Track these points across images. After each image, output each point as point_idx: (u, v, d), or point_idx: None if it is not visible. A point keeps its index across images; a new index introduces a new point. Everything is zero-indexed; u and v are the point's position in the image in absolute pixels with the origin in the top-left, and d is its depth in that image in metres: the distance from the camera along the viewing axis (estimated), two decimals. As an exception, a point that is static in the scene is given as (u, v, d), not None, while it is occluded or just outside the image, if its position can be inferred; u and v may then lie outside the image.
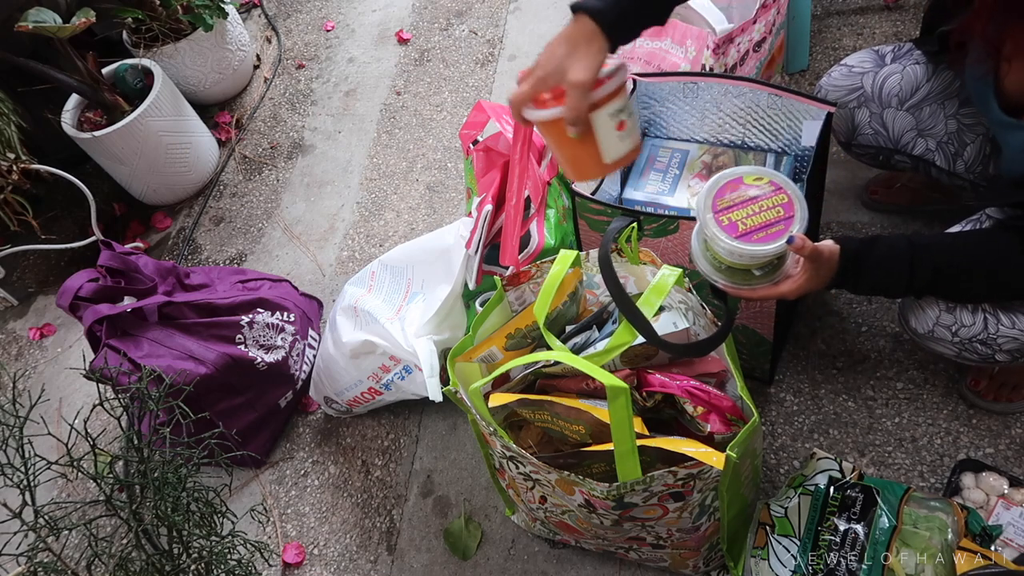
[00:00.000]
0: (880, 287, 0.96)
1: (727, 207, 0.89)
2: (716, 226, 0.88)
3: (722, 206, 0.89)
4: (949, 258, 0.94)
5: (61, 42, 1.76)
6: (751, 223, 0.87)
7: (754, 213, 0.88)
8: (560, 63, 0.85)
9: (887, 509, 1.01)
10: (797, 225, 0.87)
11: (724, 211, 0.88)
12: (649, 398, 1.04)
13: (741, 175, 0.91)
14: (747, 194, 0.89)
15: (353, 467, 1.48)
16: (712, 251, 0.92)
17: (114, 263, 1.36)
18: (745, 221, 0.88)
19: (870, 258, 0.94)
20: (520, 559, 1.28)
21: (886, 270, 0.94)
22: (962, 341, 1.02)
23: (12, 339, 1.92)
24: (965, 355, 1.04)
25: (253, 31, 2.52)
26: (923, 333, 1.05)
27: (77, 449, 0.94)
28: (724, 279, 0.93)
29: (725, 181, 0.91)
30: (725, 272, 0.92)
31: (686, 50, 1.43)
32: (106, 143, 1.87)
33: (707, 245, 0.92)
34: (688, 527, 1.01)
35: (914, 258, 0.93)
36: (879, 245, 0.94)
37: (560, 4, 2.23)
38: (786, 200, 0.88)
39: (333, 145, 2.11)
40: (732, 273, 0.92)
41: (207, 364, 1.34)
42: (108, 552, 0.96)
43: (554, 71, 0.85)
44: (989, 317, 0.99)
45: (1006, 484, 1.11)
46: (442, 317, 1.30)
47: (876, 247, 0.94)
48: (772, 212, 0.88)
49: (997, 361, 1.02)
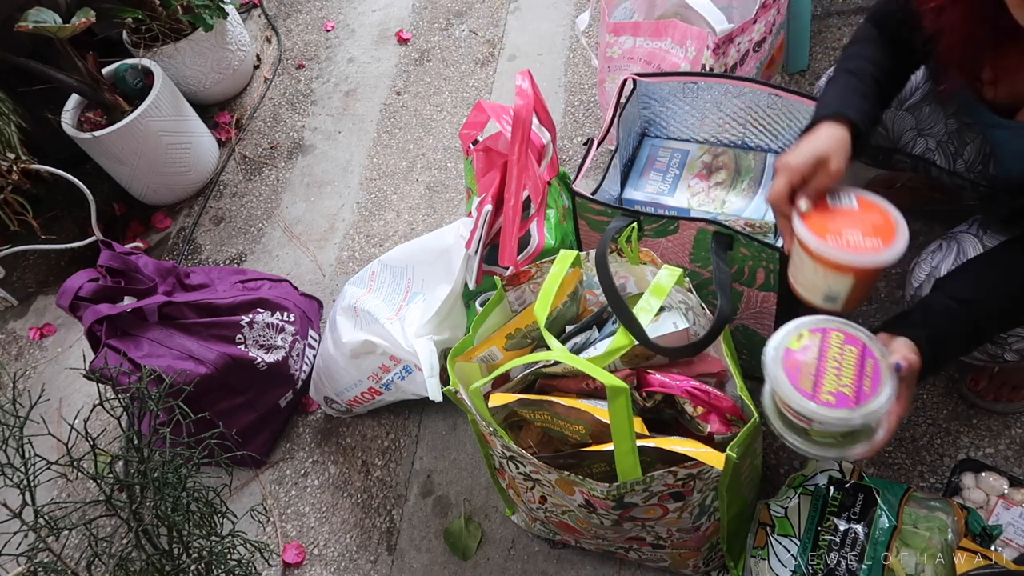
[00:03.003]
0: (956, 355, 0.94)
1: (813, 386, 0.79)
2: (831, 409, 0.77)
3: (809, 388, 0.79)
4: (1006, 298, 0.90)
5: (61, 42, 1.76)
6: (847, 382, 0.79)
7: (838, 371, 0.79)
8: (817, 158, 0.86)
9: (887, 509, 1.01)
10: (876, 350, 0.80)
11: (816, 391, 0.78)
12: (649, 398, 1.04)
13: (785, 347, 0.82)
14: (810, 359, 0.81)
15: (353, 467, 1.48)
16: (824, 433, 0.82)
17: (114, 263, 1.36)
18: (842, 386, 0.78)
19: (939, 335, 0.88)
20: (520, 559, 1.28)
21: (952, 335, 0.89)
22: None
23: (12, 339, 1.92)
24: (975, 353, 1.04)
25: (253, 31, 2.52)
26: None
27: (77, 449, 0.94)
28: (848, 448, 0.82)
29: (781, 370, 0.81)
30: (846, 441, 0.82)
31: (686, 50, 1.43)
32: (106, 143, 1.87)
33: (818, 433, 0.82)
34: (688, 527, 1.01)
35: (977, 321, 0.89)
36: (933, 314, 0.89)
37: (560, 4, 2.23)
38: (843, 335, 0.82)
39: (333, 145, 2.11)
40: (851, 438, 0.82)
41: (207, 364, 1.34)
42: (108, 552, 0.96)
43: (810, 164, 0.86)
44: None
45: (1006, 484, 1.11)
46: (442, 317, 1.30)
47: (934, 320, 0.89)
48: (849, 356, 0.80)
49: (1005, 360, 1.02)
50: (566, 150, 1.86)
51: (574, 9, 2.20)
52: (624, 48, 1.52)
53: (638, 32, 1.48)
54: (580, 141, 1.86)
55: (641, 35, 1.48)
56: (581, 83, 2.00)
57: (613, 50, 1.53)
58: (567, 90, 1.99)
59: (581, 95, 1.97)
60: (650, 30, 1.47)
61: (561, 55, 2.09)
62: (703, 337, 0.98)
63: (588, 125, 1.90)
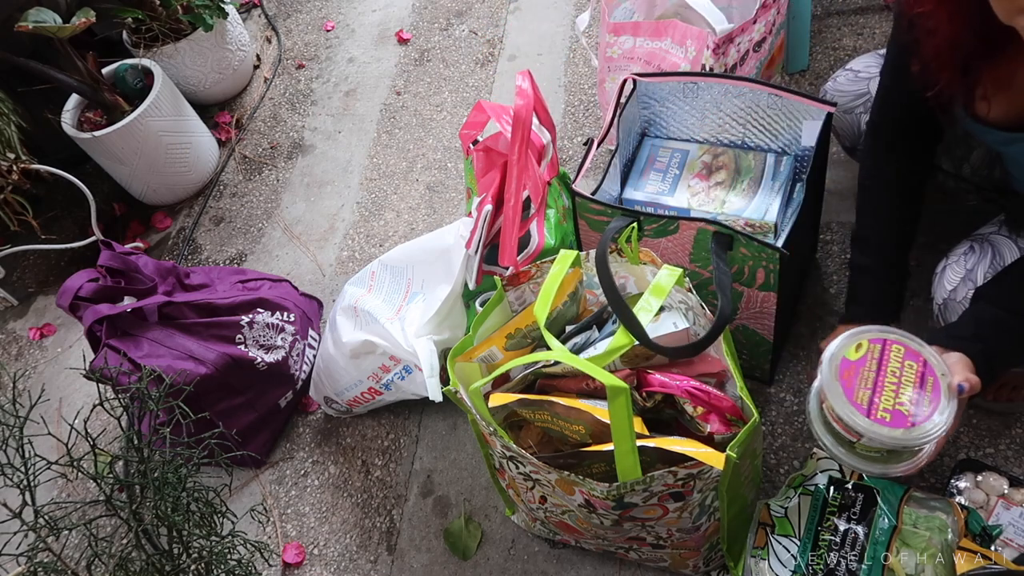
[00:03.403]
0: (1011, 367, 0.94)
1: (869, 402, 0.77)
2: (887, 428, 0.76)
3: (864, 403, 0.77)
4: None
5: (61, 42, 1.76)
6: (906, 399, 0.76)
7: (896, 387, 0.77)
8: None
9: (887, 509, 1.01)
10: (937, 367, 0.78)
11: (872, 407, 0.77)
12: (649, 398, 1.04)
13: (842, 356, 0.80)
14: (868, 372, 0.79)
15: (353, 467, 1.48)
16: (871, 448, 0.81)
17: (114, 263, 1.36)
18: (899, 404, 0.76)
19: (993, 348, 0.87)
20: (520, 559, 1.28)
21: (1009, 350, 0.88)
22: None
23: (12, 339, 1.92)
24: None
25: (253, 31, 2.52)
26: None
27: (77, 449, 0.94)
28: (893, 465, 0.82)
29: (837, 382, 0.79)
30: (891, 458, 0.82)
31: (686, 50, 1.43)
32: (106, 143, 1.87)
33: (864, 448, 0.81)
34: (688, 527, 1.01)
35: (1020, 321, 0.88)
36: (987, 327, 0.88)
37: (560, 4, 2.23)
38: (903, 349, 0.79)
39: (333, 145, 2.11)
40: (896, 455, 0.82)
41: (207, 364, 1.34)
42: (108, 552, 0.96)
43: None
44: None
45: (1006, 484, 1.11)
46: (442, 317, 1.30)
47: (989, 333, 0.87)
48: (909, 372, 0.78)
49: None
50: (566, 150, 1.86)
51: (574, 9, 2.20)
52: (624, 48, 1.52)
53: (638, 32, 1.48)
54: (580, 141, 1.86)
55: (641, 35, 1.48)
56: (581, 83, 2.00)
57: (613, 50, 1.53)
58: (567, 90, 1.99)
59: (581, 95, 1.97)
60: (650, 30, 1.47)
61: (561, 55, 2.09)
62: (703, 337, 0.98)
63: (588, 125, 1.90)
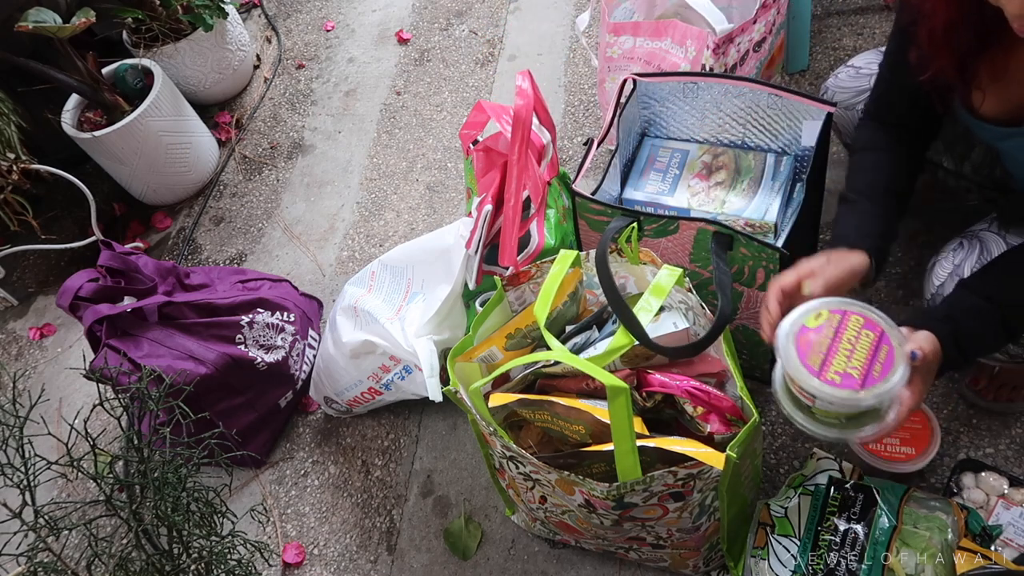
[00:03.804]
0: (983, 352, 0.94)
1: (822, 365, 0.79)
2: (835, 389, 0.78)
3: (816, 365, 0.79)
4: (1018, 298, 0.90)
5: (61, 42, 1.76)
6: (857, 364, 0.78)
7: (849, 352, 0.79)
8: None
9: (887, 509, 1.01)
10: (894, 338, 0.79)
11: (823, 370, 0.79)
12: (649, 398, 1.04)
13: (802, 323, 0.83)
14: (824, 338, 0.81)
15: (353, 467, 1.48)
16: (828, 413, 0.82)
17: (114, 263, 1.36)
18: (851, 368, 0.78)
19: (963, 331, 0.88)
20: (520, 559, 1.28)
21: (981, 334, 0.89)
22: None
23: (12, 339, 1.92)
24: (996, 354, 1.03)
25: (253, 31, 2.52)
26: None
27: (77, 449, 0.94)
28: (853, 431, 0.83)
29: (793, 346, 0.81)
30: (850, 424, 0.83)
31: (686, 50, 1.43)
32: (106, 143, 1.87)
33: (822, 412, 0.83)
34: (688, 527, 1.01)
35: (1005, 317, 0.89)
36: (960, 311, 0.89)
37: (560, 4, 2.23)
38: (862, 320, 0.81)
39: (333, 145, 2.11)
40: (856, 422, 0.83)
41: (207, 364, 1.34)
42: (108, 552, 0.96)
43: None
44: None
45: (1006, 484, 1.11)
46: (442, 317, 1.30)
47: (961, 316, 0.89)
48: (865, 340, 0.80)
49: (1011, 353, 1.02)
50: (566, 150, 1.86)
51: (574, 9, 2.21)
52: (624, 48, 1.52)
53: (638, 32, 1.48)
54: (580, 141, 1.86)
55: (641, 35, 1.48)
56: (581, 83, 2.00)
57: (613, 50, 1.53)
58: (567, 90, 1.99)
59: (581, 95, 1.97)
60: (650, 30, 1.47)
61: (561, 55, 2.09)
62: (703, 337, 0.98)
63: (588, 125, 1.90)
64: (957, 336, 0.87)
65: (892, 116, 1.06)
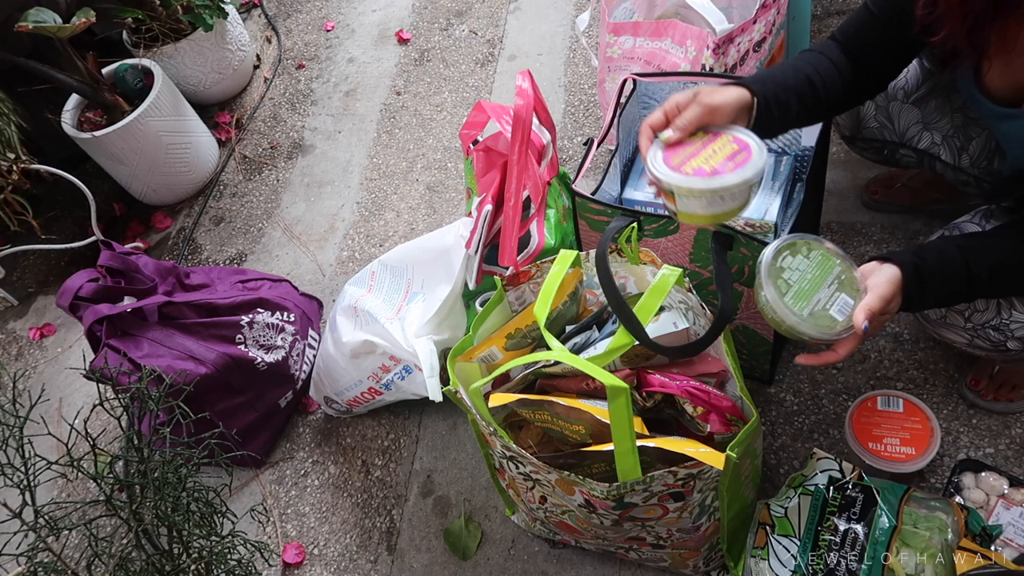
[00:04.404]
0: (942, 297, 0.94)
1: (680, 163, 0.90)
2: (689, 178, 0.88)
3: (675, 164, 0.90)
4: (998, 255, 0.91)
5: (61, 42, 1.76)
6: (716, 161, 0.88)
7: (710, 157, 0.89)
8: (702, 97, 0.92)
9: (887, 509, 1.01)
10: (758, 157, 0.88)
11: (682, 167, 0.89)
12: (649, 398, 1.04)
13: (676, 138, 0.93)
14: (693, 149, 0.91)
15: (353, 467, 1.48)
16: (692, 216, 0.92)
17: (114, 263, 1.36)
18: (709, 162, 0.89)
19: (928, 268, 0.90)
20: (520, 559, 1.28)
21: (944, 275, 0.91)
22: (975, 327, 1.01)
23: (12, 339, 1.92)
24: (977, 342, 1.03)
25: (253, 31, 2.52)
26: (935, 319, 1.05)
27: (77, 449, 0.94)
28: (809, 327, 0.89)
29: (660, 148, 0.92)
30: (809, 320, 0.90)
31: (686, 50, 1.43)
32: (106, 143, 1.87)
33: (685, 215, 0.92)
34: (688, 527, 1.01)
35: (968, 261, 0.90)
36: (930, 253, 0.91)
37: (560, 4, 2.23)
38: (732, 138, 0.91)
39: (333, 145, 2.11)
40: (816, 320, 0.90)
41: (207, 364, 1.34)
42: (108, 552, 0.96)
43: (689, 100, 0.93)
44: (1002, 303, 0.98)
45: (1006, 484, 1.11)
46: (442, 317, 1.30)
47: (928, 256, 0.91)
48: (727, 149, 0.90)
49: (1008, 350, 1.02)
50: (566, 150, 1.86)
51: (574, 9, 2.21)
52: (624, 48, 1.52)
53: (638, 32, 1.48)
54: (580, 141, 1.86)
55: (641, 35, 1.48)
56: (581, 83, 2.00)
57: (613, 50, 1.53)
58: (567, 90, 1.99)
59: (581, 95, 1.97)
60: (650, 30, 1.47)
61: (561, 55, 2.09)
62: (703, 337, 0.98)
63: (588, 125, 1.90)
64: (920, 269, 0.90)
65: (860, 52, 1.04)
